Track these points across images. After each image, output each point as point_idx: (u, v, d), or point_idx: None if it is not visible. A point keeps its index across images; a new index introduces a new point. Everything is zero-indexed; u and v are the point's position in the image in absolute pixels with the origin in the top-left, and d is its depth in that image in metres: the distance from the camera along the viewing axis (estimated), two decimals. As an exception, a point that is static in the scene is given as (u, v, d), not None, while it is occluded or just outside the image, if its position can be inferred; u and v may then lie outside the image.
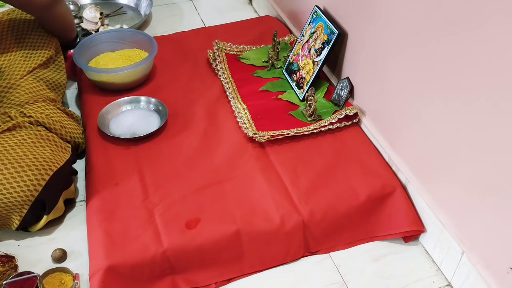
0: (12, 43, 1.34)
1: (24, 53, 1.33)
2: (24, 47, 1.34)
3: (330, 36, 1.34)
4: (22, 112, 1.18)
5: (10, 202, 1.04)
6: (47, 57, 1.36)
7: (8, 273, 1.04)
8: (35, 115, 1.18)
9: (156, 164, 1.24)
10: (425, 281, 1.09)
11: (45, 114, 1.20)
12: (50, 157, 1.11)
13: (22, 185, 1.05)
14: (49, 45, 1.38)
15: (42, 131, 1.16)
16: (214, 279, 1.08)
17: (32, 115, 1.18)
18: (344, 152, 1.25)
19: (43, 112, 1.20)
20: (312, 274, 1.10)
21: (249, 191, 1.17)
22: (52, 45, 1.39)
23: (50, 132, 1.18)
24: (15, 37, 1.35)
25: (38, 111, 1.20)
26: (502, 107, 0.86)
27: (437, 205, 1.09)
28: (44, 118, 1.18)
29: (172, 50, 1.63)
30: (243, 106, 1.38)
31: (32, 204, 1.06)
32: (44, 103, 1.24)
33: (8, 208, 1.05)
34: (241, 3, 2.01)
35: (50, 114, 1.21)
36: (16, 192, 1.04)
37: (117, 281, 1.02)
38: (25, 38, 1.36)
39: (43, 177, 1.07)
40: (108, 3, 1.96)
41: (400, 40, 1.10)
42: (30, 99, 1.23)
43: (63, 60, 1.42)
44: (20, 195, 1.05)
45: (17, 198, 1.04)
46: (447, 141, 1.02)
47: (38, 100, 1.24)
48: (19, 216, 1.07)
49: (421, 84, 1.06)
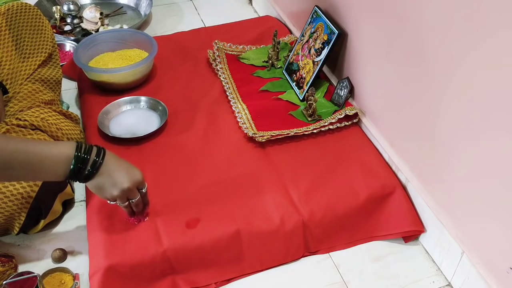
0: (10, 44, 1.29)
1: (23, 54, 1.30)
2: (23, 47, 1.31)
3: (330, 36, 1.34)
4: (18, 118, 1.15)
5: (6, 211, 1.04)
6: (46, 55, 1.34)
7: (8, 273, 1.04)
8: (29, 119, 1.15)
9: (156, 164, 1.24)
10: (425, 281, 1.09)
11: (40, 117, 1.17)
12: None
13: (15, 193, 1.04)
14: (47, 41, 1.34)
15: (35, 134, 1.14)
16: (214, 279, 1.08)
17: (27, 119, 1.15)
18: (344, 152, 1.25)
19: (38, 116, 1.17)
20: (312, 274, 1.10)
21: (249, 191, 1.17)
22: (49, 40, 1.35)
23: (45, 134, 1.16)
24: (12, 36, 1.30)
25: (33, 115, 1.17)
26: (501, 104, 0.86)
27: (437, 205, 1.09)
28: (39, 121, 1.15)
29: (172, 50, 1.63)
30: (243, 106, 1.38)
31: (29, 209, 1.06)
32: (38, 108, 1.21)
33: (6, 217, 1.05)
34: (241, 3, 2.01)
35: (45, 117, 1.19)
36: (11, 201, 1.04)
37: (117, 281, 1.02)
38: (23, 36, 1.31)
39: (36, 183, 1.06)
40: (108, 3, 1.96)
41: (400, 40, 1.10)
42: (24, 106, 1.21)
43: (58, 55, 1.39)
44: (15, 203, 1.04)
45: (13, 206, 1.04)
46: (447, 141, 1.02)
47: (33, 106, 1.21)
48: (18, 223, 1.07)
49: (421, 84, 1.06)
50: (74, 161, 0.92)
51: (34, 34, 1.33)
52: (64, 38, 1.72)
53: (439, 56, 0.99)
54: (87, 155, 0.94)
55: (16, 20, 1.30)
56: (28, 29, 1.32)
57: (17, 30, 1.30)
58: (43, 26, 1.35)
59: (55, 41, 1.39)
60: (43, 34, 1.34)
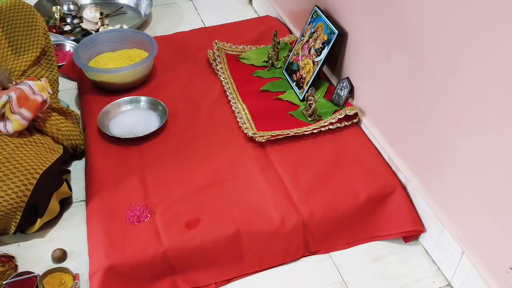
0: (4, 41, 1.28)
1: (17, 51, 1.29)
2: (16, 44, 1.29)
3: (330, 36, 1.34)
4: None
5: (1, 211, 1.04)
6: (39, 50, 1.31)
7: (8, 273, 1.04)
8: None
9: (156, 164, 1.24)
10: (425, 281, 1.09)
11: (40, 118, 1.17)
12: (34, 160, 1.08)
13: (10, 192, 1.04)
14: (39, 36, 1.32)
15: (28, 134, 1.14)
16: (214, 279, 1.08)
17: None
18: (344, 152, 1.25)
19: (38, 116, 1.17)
20: (312, 274, 1.10)
21: (249, 191, 1.17)
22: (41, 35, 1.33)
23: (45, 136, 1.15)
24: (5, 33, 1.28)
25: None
26: (501, 105, 0.86)
27: (437, 205, 1.09)
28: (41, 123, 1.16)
29: (172, 50, 1.63)
30: (243, 106, 1.38)
31: (24, 209, 1.06)
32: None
33: (1, 217, 1.05)
34: (241, 3, 2.01)
35: (44, 117, 1.19)
36: (6, 200, 1.03)
37: (117, 281, 1.02)
38: (16, 33, 1.29)
39: (30, 182, 1.06)
40: (108, 3, 1.96)
41: (400, 40, 1.10)
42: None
43: (54, 51, 1.37)
44: (10, 203, 1.04)
45: (8, 206, 1.04)
46: (447, 141, 1.02)
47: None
48: (14, 223, 1.07)
49: (421, 84, 1.06)
50: None
51: (27, 31, 1.32)
52: (64, 38, 1.72)
53: (438, 56, 0.99)
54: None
55: (9, 17, 1.29)
56: (21, 26, 1.31)
57: (10, 27, 1.29)
58: (36, 22, 1.32)
59: (49, 37, 1.36)
60: (36, 30, 1.33)
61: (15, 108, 1.10)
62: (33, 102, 1.14)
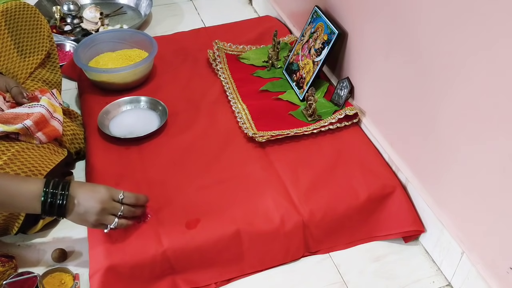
0: (10, 43, 1.29)
1: (23, 53, 1.30)
2: (22, 46, 1.30)
3: (330, 36, 1.34)
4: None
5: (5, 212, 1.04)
6: (45, 53, 1.33)
7: (8, 273, 1.04)
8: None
9: (156, 164, 1.24)
10: (425, 281, 1.09)
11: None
12: (38, 162, 1.08)
13: None
14: (44, 40, 1.34)
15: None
16: (214, 279, 1.08)
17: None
18: (344, 152, 1.25)
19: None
20: (312, 274, 1.10)
21: (249, 191, 1.17)
22: (47, 39, 1.35)
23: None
24: (11, 35, 1.29)
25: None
26: (501, 105, 0.86)
27: (437, 205, 1.09)
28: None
29: (172, 50, 1.63)
30: (243, 106, 1.38)
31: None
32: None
33: (5, 217, 1.05)
34: (241, 3, 2.01)
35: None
36: None
37: (117, 281, 1.02)
38: (22, 35, 1.31)
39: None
40: (108, 3, 1.96)
41: (400, 40, 1.10)
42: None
43: (57, 55, 1.39)
44: None
45: None
46: (447, 140, 1.02)
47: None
48: (17, 223, 1.07)
49: (421, 84, 1.06)
50: (43, 197, 0.94)
51: (33, 33, 1.33)
52: (64, 38, 1.72)
53: (439, 56, 0.99)
54: (55, 190, 0.95)
55: (15, 19, 1.29)
56: (27, 28, 1.32)
57: (16, 29, 1.29)
58: (41, 25, 1.34)
59: (53, 40, 1.39)
60: (41, 33, 1.34)
61: (34, 132, 1.10)
62: (51, 129, 1.14)
